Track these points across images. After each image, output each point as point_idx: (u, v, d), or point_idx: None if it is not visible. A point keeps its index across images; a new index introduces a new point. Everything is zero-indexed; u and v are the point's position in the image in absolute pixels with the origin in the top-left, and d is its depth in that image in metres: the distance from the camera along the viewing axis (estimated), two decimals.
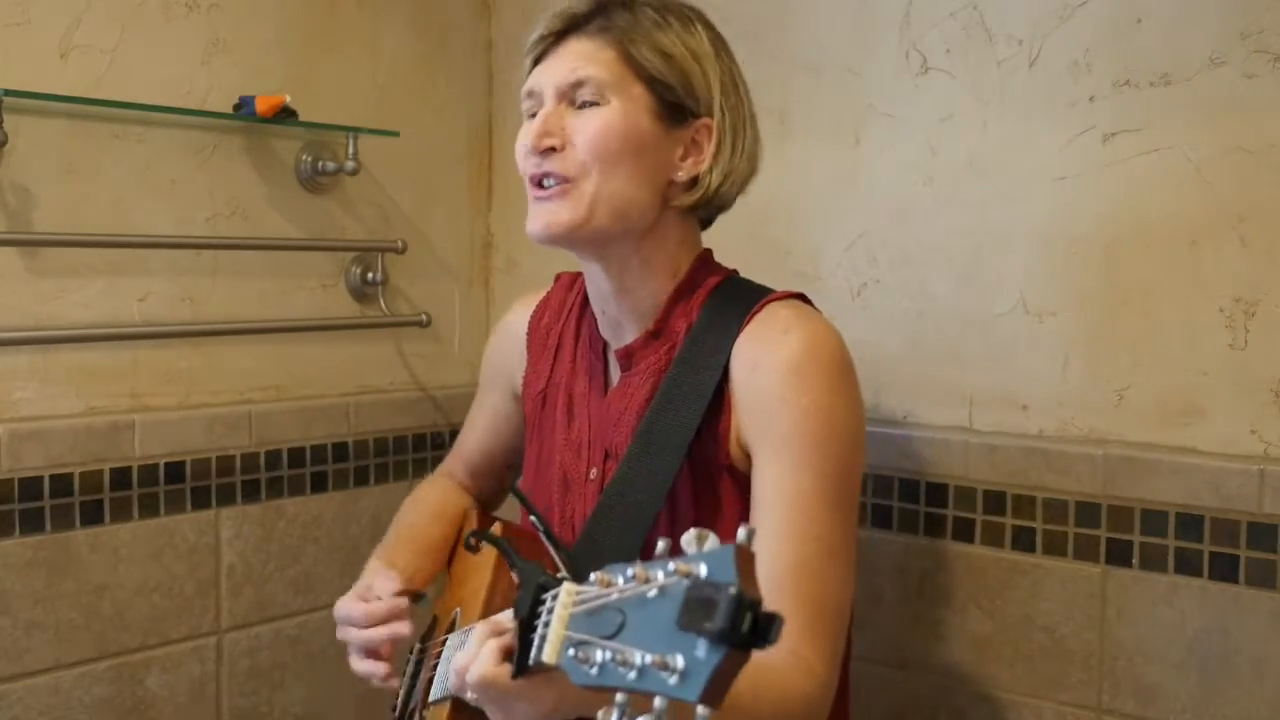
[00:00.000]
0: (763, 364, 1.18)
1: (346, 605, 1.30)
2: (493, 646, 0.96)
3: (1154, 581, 1.45)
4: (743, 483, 1.20)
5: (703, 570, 0.68)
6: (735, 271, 1.31)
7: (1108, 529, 1.48)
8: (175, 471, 1.77)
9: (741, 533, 0.69)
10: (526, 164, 1.22)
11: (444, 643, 1.29)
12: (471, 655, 0.97)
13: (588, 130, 1.18)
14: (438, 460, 2.11)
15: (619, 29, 1.20)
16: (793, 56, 1.76)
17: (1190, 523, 1.42)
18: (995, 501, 1.56)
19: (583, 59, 1.20)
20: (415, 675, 1.37)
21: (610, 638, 0.72)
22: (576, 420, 1.32)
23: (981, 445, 1.57)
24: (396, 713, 1.36)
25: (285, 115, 1.78)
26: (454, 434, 2.14)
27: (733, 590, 0.65)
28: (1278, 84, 1.36)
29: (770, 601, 1.06)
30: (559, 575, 0.95)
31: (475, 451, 1.54)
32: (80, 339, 1.67)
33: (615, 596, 0.74)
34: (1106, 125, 1.48)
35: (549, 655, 0.79)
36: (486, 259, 2.21)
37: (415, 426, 2.08)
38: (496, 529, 1.28)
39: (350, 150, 1.90)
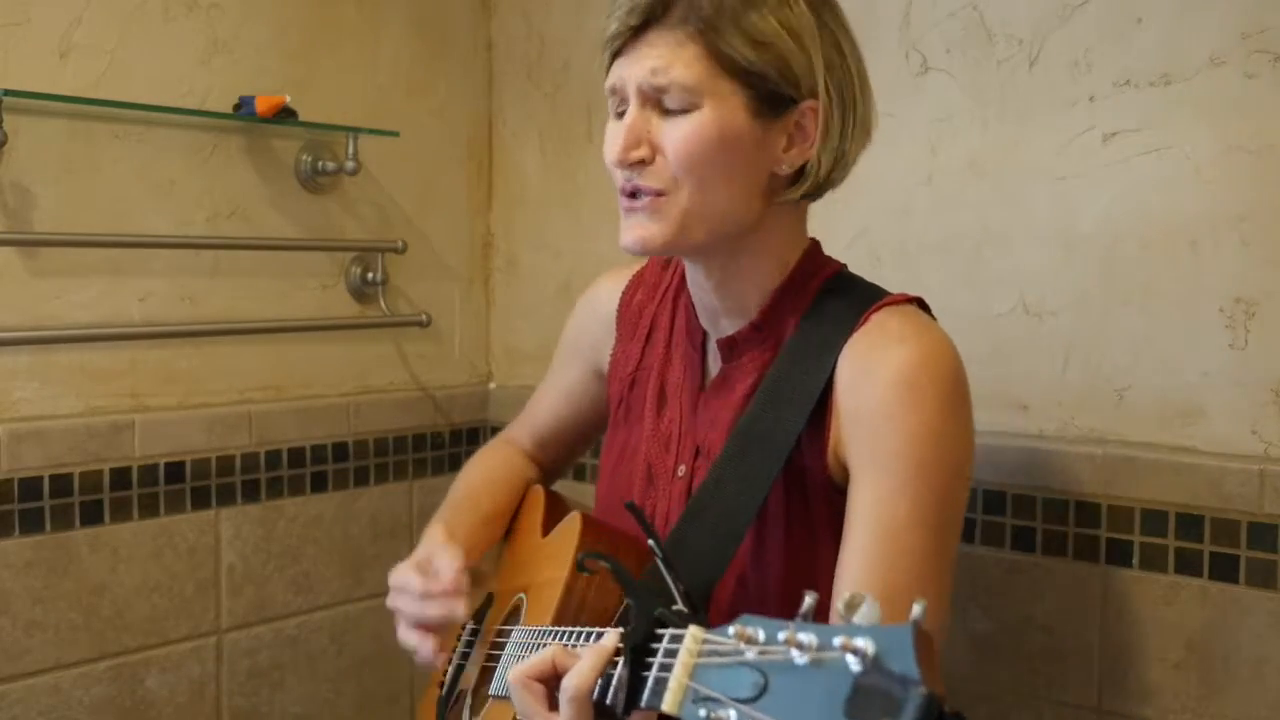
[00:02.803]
0: (872, 373, 1.09)
1: (404, 574, 1.24)
2: (598, 667, 0.91)
3: (1154, 581, 1.45)
4: (839, 500, 1.11)
5: (871, 648, 0.60)
6: (845, 266, 1.23)
7: (1108, 529, 1.48)
8: (175, 471, 1.77)
9: (917, 609, 0.62)
10: (615, 174, 1.12)
11: (505, 632, 1.23)
12: (580, 672, 0.91)
13: (677, 141, 1.08)
14: (438, 460, 2.12)
15: (702, 17, 1.06)
16: None
17: (1190, 523, 1.42)
18: (995, 501, 1.56)
19: (664, 58, 1.07)
20: (466, 655, 1.32)
21: (747, 702, 0.65)
22: (668, 411, 1.24)
23: (981, 445, 1.56)
24: (444, 690, 1.32)
25: (285, 115, 1.78)
26: (454, 434, 2.16)
27: (922, 691, 0.58)
28: (1278, 84, 1.36)
29: None
30: (676, 609, 0.88)
31: (547, 421, 1.47)
32: (80, 339, 1.67)
33: (754, 656, 0.67)
34: (1106, 125, 1.48)
35: (669, 704, 0.72)
36: (486, 259, 2.21)
37: (415, 426, 2.08)
38: (576, 520, 1.20)
39: (350, 150, 1.90)
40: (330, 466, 1.97)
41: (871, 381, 1.09)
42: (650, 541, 0.95)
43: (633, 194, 1.11)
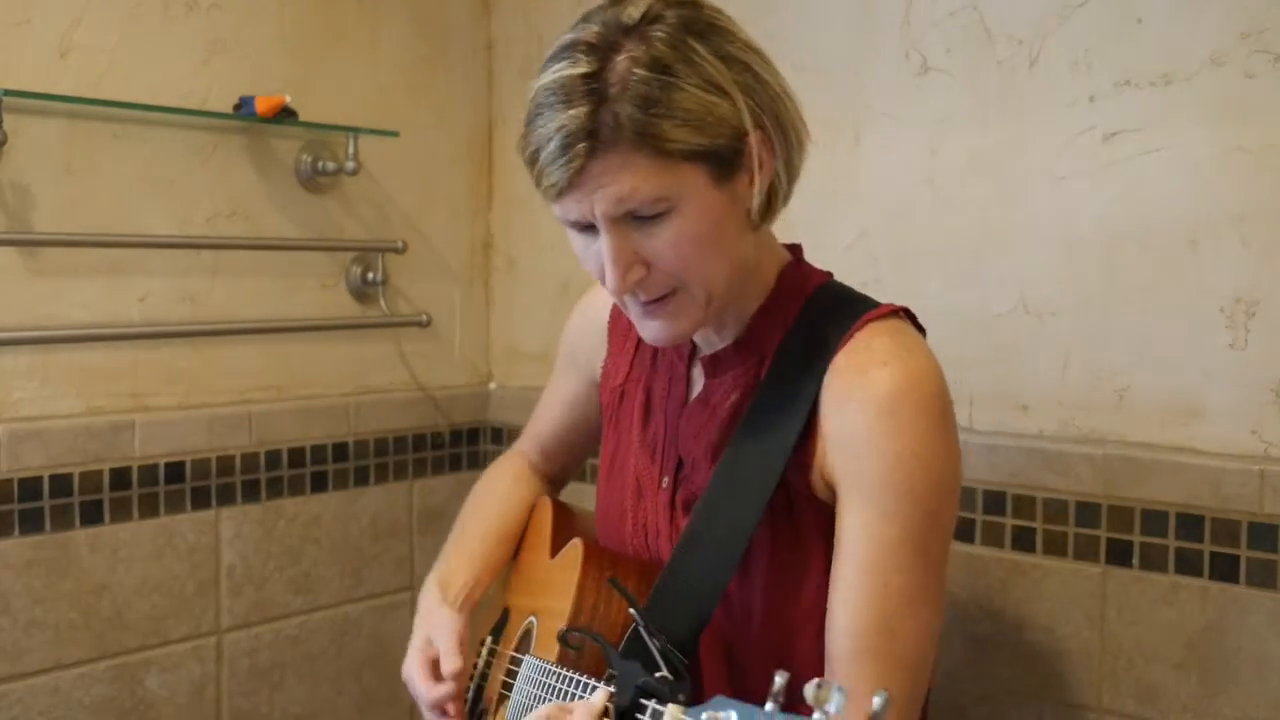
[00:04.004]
0: (855, 398, 1.08)
1: (413, 672, 1.28)
2: None
3: (1154, 581, 1.45)
4: (827, 518, 1.12)
5: None
6: (830, 276, 1.22)
7: (1108, 529, 1.48)
8: (175, 471, 1.77)
9: (877, 702, 0.65)
10: (618, 295, 1.11)
11: (517, 660, 1.28)
12: None
13: (667, 251, 1.06)
14: (438, 460, 2.12)
15: (634, 124, 1.01)
16: (792, 56, 1.75)
17: (1190, 523, 1.42)
18: (995, 501, 1.56)
19: (621, 182, 1.02)
20: (485, 674, 1.36)
21: None
22: (653, 422, 1.25)
23: (981, 445, 1.57)
24: (468, 706, 1.35)
25: (285, 115, 1.78)
26: (454, 434, 2.16)
27: None
28: (1278, 84, 1.36)
29: (848, 659, 1.06)
30: (659, 675, 0.93)
31: (549, 432, 1.48)
32: (80, 339, 1.67)
33: None
34: (1106, 125, 1.48)
35: None
36: (486, 259, 2.21)
37: (415, 426, 2.08)
38: (578, 547, 1.23)
39: (350, 150, 1.90)
40: (330, 466, 1.97)
41: (854, 407, 1.08)
42: (630, 610, 1.01)
43: (646, 304, 1.11)
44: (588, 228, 1.08)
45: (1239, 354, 1.40)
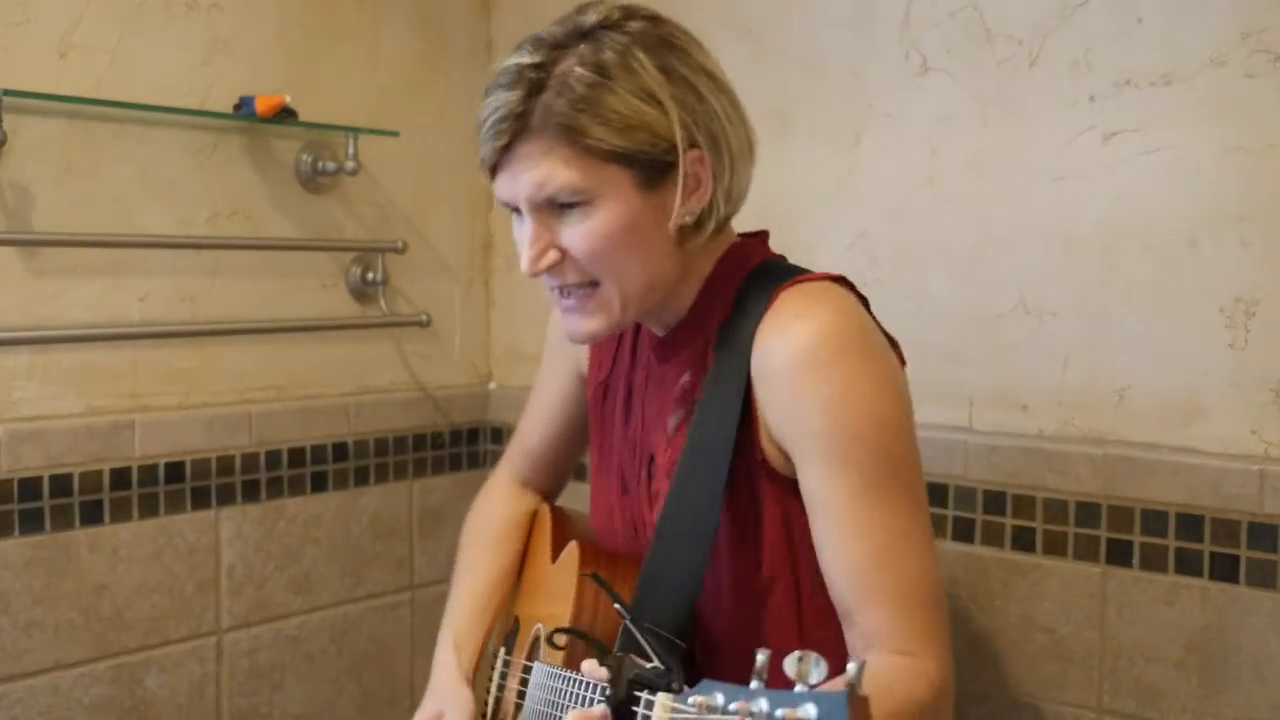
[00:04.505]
0: (778, 356, 1.10)
1: None
2: None
3: (1154, 581, 1.45)
4: (781, 484, 1.14)
5: (812, 714, 0.67)
6: (779, 257, 1.24)
7: (1108, 529, 1.48)
8: (175, 471, 1.77)
9: (851, 667, 0.67)
10: (535, 277, 1.16)
11: (529, 668, 1.30)
12: None
13: (579, 242, 1.11)
14: (438, 460, 2.12)
15: (560, 116, 1.07)
16: (793, 56, 1.76)
17: (1190, 523, 1.42)
18: (995, 501, 1.56)
19: (540, 169, 1.09)
20: (502, 685, 1.37)
21: None
22: (633, 416, 1.27)
23: (981, 445, 1.57)
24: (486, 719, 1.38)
25: (285, 115, 1.78)
26: (454, 434, 2.16)
27: None
28: (1278, 84, 1.36)
29: (858, 608, 1.08)
30: (651, 666, 0.96)
31: (537, 439, 1.49)
32: (80, 339, 1.67)
33: None
34: (1106, 125, 1.48)
35: None
36: (486, 259, 2.21)
37: (415, 426, 2.08)
38: (574, 550, 1.26)
39: (350, 150, 1.90)
40: (330, 466, 1.97)
41: (778, 364, 1.10)
42: (616, 605, 1.05)
43: (561, 291, 1.16)
44: (516, 210, 1.15)
45: (1239, 354, 1.40)
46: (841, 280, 1.19)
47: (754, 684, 0.72)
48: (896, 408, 1.12)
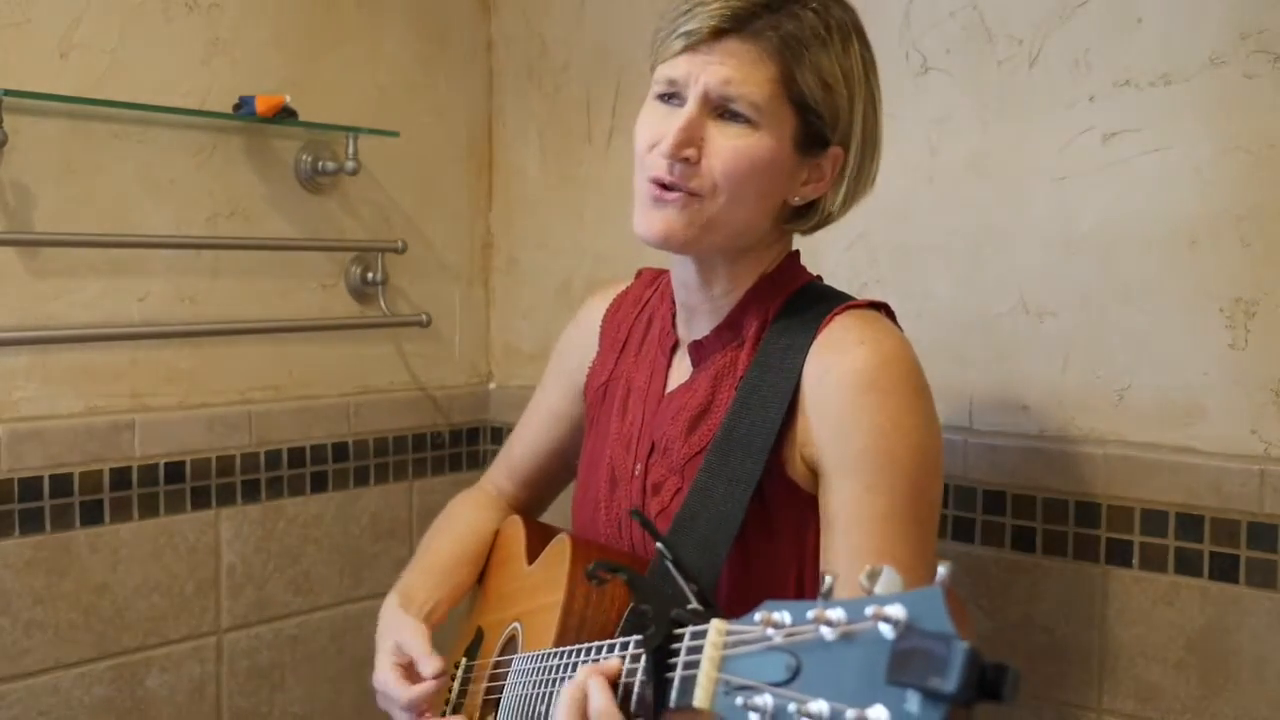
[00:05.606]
0: (833, 371, 1.12)
1: (387, 677, 1.28)
2: (598, 686, 0.94)
3: (1154, 581, 1.45)
4: (801, 500, 1.15)
5: (903, 613, 0.60)
6: (819, 278, 1.27)
7: (1108, 529, 1.48)
8: (175, 471, 1.77)
9: (942, 570, 0.62)
10: (653, 161, 1.13)
11: (504, 663, 1.27)
12: (595, 693, 0.94)
13: (728, 153, 1.11)
14: (438, 460, 2.12)
15: (786, 38, 1.10)
16: None
17: (1190, 523, 1.42)
18: (995, 501, 1.56)
19: (741, 70, 1.10)
20: (463, 692, 1.35)
21: (782, 684, 0.65)
22: (630, 414, 1.28)
23: (981, 445, 1.57)
24: None
25: (285, 115, 1.78)
26: (454, 434, 2.16)
27: (964, 646, 0.58)
28: (1278, 84, 1.36)
29: None
30: (691, 608, 0.89)
31: (523, 456, 1.49)
32: (80, 339, 1.67)
33: (782, 639, 0.66)
34: (1106, 125, 1.48)
35: (700, 700, 0.71)
36: (486, 259, 2.21)
37: (415, 426, 2.08)
38: (565, 541, 1.23)
39: (350, 150, 1.90)
40: (330, 466, 1.97)
41: (833, 380, 1.12)
42: (658, 544, 0.97)
43: (666, 186, 1.13)
44: (672, 97, 1.13)
45: (1239, 354, 1.40)
46: (884, 307, 1.22)
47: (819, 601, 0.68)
48: (936, 450, 1.15)
